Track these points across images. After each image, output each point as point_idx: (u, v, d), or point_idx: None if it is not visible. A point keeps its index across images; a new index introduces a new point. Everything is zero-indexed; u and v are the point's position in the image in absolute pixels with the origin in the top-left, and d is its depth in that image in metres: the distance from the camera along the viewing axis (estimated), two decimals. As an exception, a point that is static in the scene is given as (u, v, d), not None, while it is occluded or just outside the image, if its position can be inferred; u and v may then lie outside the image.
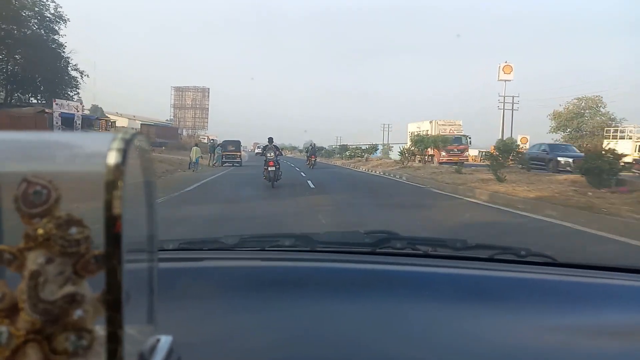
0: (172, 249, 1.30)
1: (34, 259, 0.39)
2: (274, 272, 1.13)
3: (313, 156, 26.91)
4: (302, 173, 21.37)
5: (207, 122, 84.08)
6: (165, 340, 0.48)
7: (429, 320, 0.90)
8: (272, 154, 14.23)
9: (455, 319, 0.89)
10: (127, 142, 0.37)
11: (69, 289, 0.39)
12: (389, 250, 1.33)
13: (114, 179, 0.35)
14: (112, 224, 0.35)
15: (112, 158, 0.36)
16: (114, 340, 0.37)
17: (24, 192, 0.39)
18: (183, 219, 7.05)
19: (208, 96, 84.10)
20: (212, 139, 31.26)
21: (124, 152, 0.36)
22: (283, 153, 17.73)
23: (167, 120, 76.31)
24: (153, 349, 0.46)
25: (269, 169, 13.97)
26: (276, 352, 0.74)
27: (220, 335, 0.79)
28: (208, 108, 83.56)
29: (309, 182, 15.91)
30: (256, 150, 73.17)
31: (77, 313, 0.39)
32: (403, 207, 9.78)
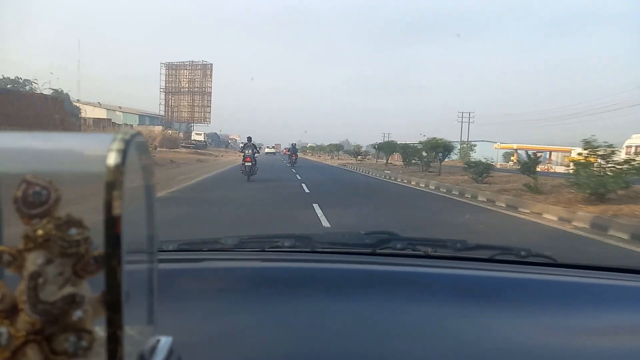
0: (172, 249, 1.30)
1: (34, 260, 0.39)
2: (273, 273, 1.13)
3: (294, 155, 31.42)
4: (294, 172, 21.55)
5: (210, 113, 56.16)
6: (165, 341, 0.48)
7: (430, 321, 0.90)
8: (250, 151, 15.67)
9: (456, 320, 0.89)
10: (127, 143, 0.37)
11: (68, 290, 0.39)
12: (389, 251, 1.33)
13: (113, 180, 0.35)
14: (112, 224, 0.35)
15: (112, 158, 0.36)
16: (114, 341, 0.37)
17: (24, 192, 0.39)
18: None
19: (210, 75, 55.78)
20: None
21: (124, 153, 0.36)
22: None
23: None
24: (153, 349, 0.46)
25: (246, 164, 15.31)
26: (276, 353, 0.74)
27: (220, 336, 0.79)
28: (211, 92, 55.88)
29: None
30: (266, 150, 60.54)
31: (77, 314, 0.39)
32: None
